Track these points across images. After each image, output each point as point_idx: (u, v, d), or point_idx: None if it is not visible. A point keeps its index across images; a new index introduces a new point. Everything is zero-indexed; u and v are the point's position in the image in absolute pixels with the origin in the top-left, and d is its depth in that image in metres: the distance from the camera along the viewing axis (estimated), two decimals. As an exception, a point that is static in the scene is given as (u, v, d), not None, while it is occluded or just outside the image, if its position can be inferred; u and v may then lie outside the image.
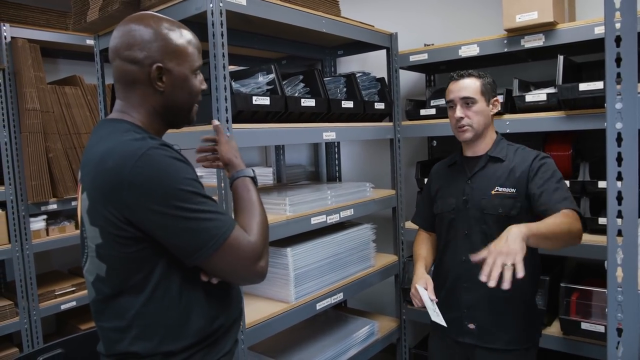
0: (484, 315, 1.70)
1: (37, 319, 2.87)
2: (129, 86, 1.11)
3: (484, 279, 1.29)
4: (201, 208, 1.02)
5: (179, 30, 1.13)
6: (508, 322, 1.69)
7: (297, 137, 2.14)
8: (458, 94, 1.72)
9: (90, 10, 2.04)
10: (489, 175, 1.72)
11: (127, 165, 0.97)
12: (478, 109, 1.71)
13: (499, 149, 1.75)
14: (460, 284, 1.74)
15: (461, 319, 1.74)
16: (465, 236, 1.73)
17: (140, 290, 1.04)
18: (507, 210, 1.65)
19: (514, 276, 1.66)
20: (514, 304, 1.69)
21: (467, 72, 1.75)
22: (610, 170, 0.94)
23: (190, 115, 1.19)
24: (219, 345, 1.15)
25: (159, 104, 1.12)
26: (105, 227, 1.01)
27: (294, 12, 2.03)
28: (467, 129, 1.71)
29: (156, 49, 1.08)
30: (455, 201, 1.77)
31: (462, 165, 1.81)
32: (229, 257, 1.04)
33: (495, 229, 1.65)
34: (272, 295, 2.08)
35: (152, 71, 1.08)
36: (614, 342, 0.97)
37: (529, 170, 1.66)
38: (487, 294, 1.67)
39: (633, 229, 0.92)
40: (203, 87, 1.19)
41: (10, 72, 2.75)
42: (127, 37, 1.09)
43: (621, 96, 0.91)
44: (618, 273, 0.95)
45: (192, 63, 1.14)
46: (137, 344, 1.05)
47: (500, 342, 1.69)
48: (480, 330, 1.71)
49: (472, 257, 1.36)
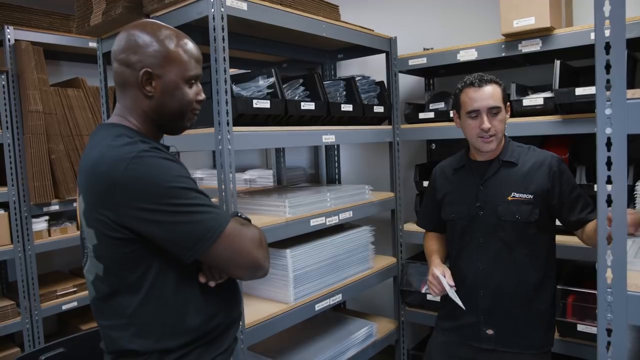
0: (503, 321, 1.67)
1: (38, 319, 2.89)
2: (122, 89, 1.15)
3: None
4: (195, 202, 1.04)
5: (177, 38, 1.14)
6: (527, 327, 1.66)
7: (297, 140, 2.16)
8: (485, 103, 1.61)
9: (94, 14, 2.07)
10: (503, 180, 1.67)
11: (118, 169, 1.00)
12: (502, 118, 1.64)
13: (510, 152, 1.70)
14: (477, 291, 1.70)
15: (479, 324, 1.70)
16: (480, 244, 1.69)
17: (137, 290, 1.07)
18: (525, 217, 1.62)
19: (531, 277, 1.67)
20: (532, 309, 1.67)
21: (487, 78, 1.65)
22: (600, 174, 0.96)
23: (182, 123, 1.20)
24: (217, 343, 1.18)
25: (150, 108, 1.14)
26: (100, 229, 1.04)
27: (294, 16, 2.06)
28: (492, 139, 1.63)
29: (149, 54, 1.10)
30: (467, 208, 1.71)
31: (471, 170, 1.74)
32: (228, 247, 1.06)
33: (513, 236, 1.64)
34: (272, 296, 2.10)
35: (140, 75, 1.10)
36: (604, 342, 0.99)
37: (550, 177, 1.62)
38: (505, 301, 1.66)
39: (622, 231, 0.94)
40: (199, 97, 1.19)
41: (13, 74, 2.78)
42: (125, 41, 1.12)
43: (610, 102, 0.94)
44: (608, 274, 0.97)
45: (185, 72, 1.14)
46: (135, 342, 1.08)
47: (518, 346, 1.66)
48: (499, 336, 1.68)
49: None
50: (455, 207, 1.76)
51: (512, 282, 1.66)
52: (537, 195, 1.62)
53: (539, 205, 1.62)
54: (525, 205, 1.62)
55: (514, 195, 1.64)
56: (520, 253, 1.65)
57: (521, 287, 1.65)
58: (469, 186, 1.73)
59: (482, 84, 1.63)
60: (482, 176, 1.71)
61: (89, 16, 2.10)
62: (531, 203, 1.62)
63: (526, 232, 1.64)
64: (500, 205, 1.65)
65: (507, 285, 1.66)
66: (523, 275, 1.65)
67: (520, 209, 1.62)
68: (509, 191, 1.65)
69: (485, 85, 1.63)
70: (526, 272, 1.65)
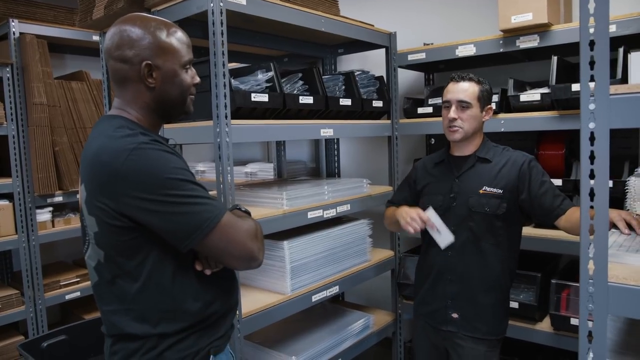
0: (466, 306, 1.79)
1: (42, 308, 2.94)
2: (122, 84, 1.17)
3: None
4: (192, 194, 1.08)
5: (167, 28, 1.17)
6: (488, 313, 1.78)
7: (295, 134, 2.19)
8: (455, 95, 1.76)
9: (96, 7, 2.10)
10: (477, 175, 1.79)
11: (119, 160, 1.03)
12: (472, 114, 1.76)
13: (486, 150, 1.82)
14: (445, 276, 1.83)
15: (445, 308, 1.83)
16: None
17: (136, 277, 1.10)
18: (493, 209, 1.74)
19: (495, 266, 1.76)
20: (494, 295, 1.79)
21: (468, 76, 1.78)
22: (584, 168, 0.98)
23: (184, 108, 1.23)
24: (214, 328, 1.21)
25: (152, 99, 1.17)
26: (100, 217, 1.08)
27: (293, 11, 2.08)
28: (457, 129, 1.76)
29: (145, 47, 1.13)
30: (442, 198, 1.83)
31: (449, 164, 1.87)
32: (223, 238, 1.10)
33: (482, 226, 1.75)
34: (269, 287, 2.14)
35: (142, 68, 1.13)
36: (585, 332, 1.02)
37: (520, 175, 1.73)
38: (470, 286, 1.78)
39: (604, 224, 0.96)
40: (195, 81, 1.23)
41: (18, 67, 2.82)
42: (117, 37, 1.14)
43: (594, 97, 0.95)
44: (590, 266, 0.99)
45: (180, 58, 1.18)
46: (134, 326, 1.12)
47: (479, 332, 1.78)
48: (462, 320, 1.80)
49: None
50: (432, 197, 1.87)
51: (477, 270, 1.77)
52: (506, 191, 1.74)
53: (507, 200, 1.74)
54: (494, 199, 1.74)
55: (485, 189, 1.76)
56: (486, 243, 1.77)
57: (485, 275, 1.77)
58: (446, 178, 1.86)
59: (460, 80, 1.78)
60: (459, 170, 1.83)
61: (91, 10, 2.13)
62: (500, 197, 1.74)
63: (493, 224, 1.75)
64: (471, 197, 1.77)
65: (472, 272, 1.78)
66: (487, 264, 1.77)
67: (489, 201, 1.74)
68: (480, 185, 1.77)
69: (462, 81, 1.77)
70: (490, 261, 1.77)
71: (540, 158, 2.26)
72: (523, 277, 2.18)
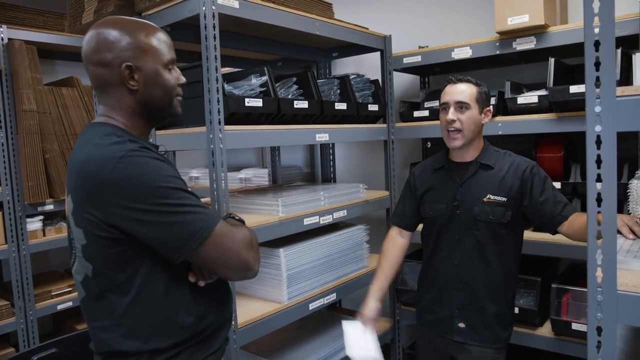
0: (474, 316, 1.75)
1: (33, 319, 2.88)
2: (104, 90, 1.13)
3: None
4: (184, 202, 1.03)
5: (145, 28, 1.13)
6: (495, 322, 1.75)
7: (290, 139, 2.15)
8: (453, 97, 1.72)
9: (86, 12, 2.06)
10: (480, 182, 1.75)
11: (107, 168, 0.99)
12: (470, 115, 1.71)
13: (488, 156, 1.77)
14: (451, 285, 1.79)
15: (452, 317, 1.79)
16: (456, 241, 1.77)
17: (126, 290, 1.06)
18: (498, 218, 1.70)
19: (500, 274, 1.73)
20: (500, 304, 1.76)
21: (465, 78, 1.75)
22: (590, 172, 0.95)
23: (171, 110, 1.19)
24: (208, 343, 1.17)
25: (136, 103, 1.13)
26: (88, 229, 1.03)
27: (287, 14, 2.05)
28: (458, 136, 1.71)
29: (123, 49, 1.09)
30: (446, 207, 1.79)
31: (450, 171, 1.81)
32: (217, 248, 1.06)
33: (487, 234, 1.72)
34: (265, 296, 2.09)
35: (122, 70, 1.09)
36: (594, 341, 0.99)
37: (522, 182, 1.70)
38: (476, 295, 1.75)
39: (612, 230, 0.93)
40: (180, 81, 1.19)
41: (7, 74, 2.76)
42: (94, 41, 1.10)
43: (600, 99, 0.93)
44: (598, 273, 0.96)
45: (161, 58, 1.13)
46: (125, 343, 1.07)
47: (488, 340, 1.75)
48: (469, 329, 1.76)
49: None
50: (434, 205, 1.83)
51: (483, 278, 1.74)
52: (510, 198, 1.70)
53: (512, 208, 1.70)
54: (499, 207, 1.70)
55: (489, 197, 1.72)
56: (490, 251, 1.73)
57: (491, 283, 1.74)
58: (448, 186, 1.81)
59: (457, 82, 1.74)
60: (461, 177, 1.78)
61: (81, 15, 2.09)
62: (504, 205, 1.70)
63: (498, 232, 1.72)
64: (476, 206, 1.73)
65: (478, 280, 1.75)
66: (492, 272, 1.74)
67: (494, 210, 1.71)
68: (484, 193, 1.73)
69: (460, 82, 1.74)
70: (495, 268, 1.74)
71: (538, 161, 2.24)
72: (523, 282, 2.15)
